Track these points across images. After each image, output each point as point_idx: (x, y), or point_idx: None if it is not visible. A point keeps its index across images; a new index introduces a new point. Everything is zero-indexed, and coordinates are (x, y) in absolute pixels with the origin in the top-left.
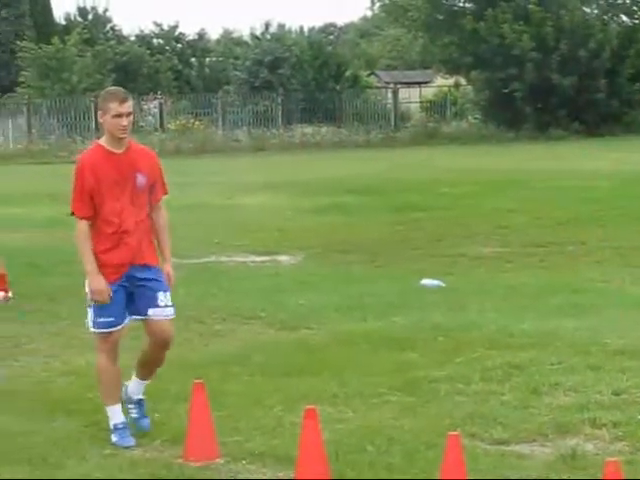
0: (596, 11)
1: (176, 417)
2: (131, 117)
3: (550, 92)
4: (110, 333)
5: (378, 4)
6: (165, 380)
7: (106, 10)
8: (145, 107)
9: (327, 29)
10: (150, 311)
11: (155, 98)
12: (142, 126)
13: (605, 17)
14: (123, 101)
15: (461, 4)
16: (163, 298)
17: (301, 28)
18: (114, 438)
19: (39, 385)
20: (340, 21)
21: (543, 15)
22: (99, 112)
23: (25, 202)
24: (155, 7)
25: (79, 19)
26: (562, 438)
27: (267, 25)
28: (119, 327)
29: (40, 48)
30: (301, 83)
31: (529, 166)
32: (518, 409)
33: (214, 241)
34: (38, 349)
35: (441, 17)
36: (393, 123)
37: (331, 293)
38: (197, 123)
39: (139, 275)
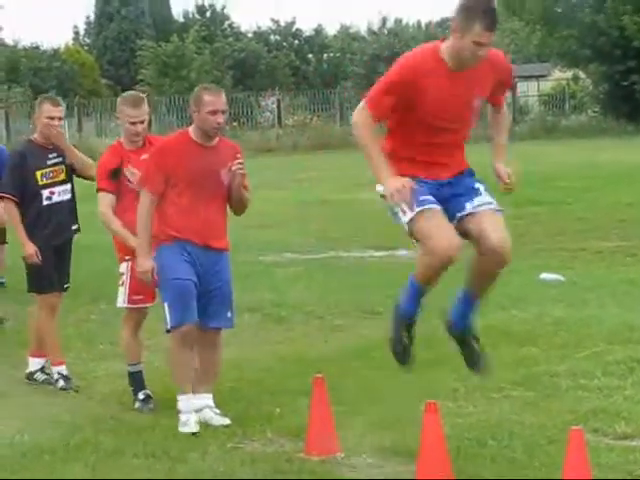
0: None
1: (296, 412)
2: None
3: None
4: None
5: None
6: (285, 375)
7: (224, 7)
8: (263, 103)
9: (444, 23)
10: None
11: (273, 94)
12: (260, 122)
13: None
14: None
15: None
16: None
17: (418, 22)
18: None
19: (159, 380)
20: None
21: None
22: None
23: None
24: (272, 3)
25: (197, 17)
26: None
27: (384, 20)
28: None
29: (159, 46)
30: None
31: None
32: None
33: (333, 236)
34: (158, 344)
35: (559, 10)
36: (512, 117)
37: (450, 287)
38: (315, 119)
39: None
